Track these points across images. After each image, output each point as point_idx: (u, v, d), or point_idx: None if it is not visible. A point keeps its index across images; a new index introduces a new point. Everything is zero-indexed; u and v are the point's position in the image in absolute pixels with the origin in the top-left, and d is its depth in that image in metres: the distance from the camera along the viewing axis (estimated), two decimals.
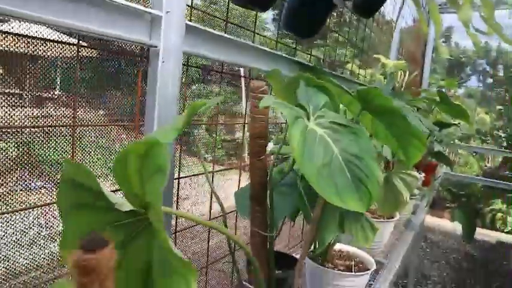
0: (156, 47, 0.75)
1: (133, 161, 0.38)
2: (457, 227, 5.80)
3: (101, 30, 0.67)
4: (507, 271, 4.36)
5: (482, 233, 5.56)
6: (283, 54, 1.23)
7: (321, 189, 0.54)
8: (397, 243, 1.83)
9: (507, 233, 5.84)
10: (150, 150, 0.36)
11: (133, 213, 0.42)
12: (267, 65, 1.15)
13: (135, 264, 0.41)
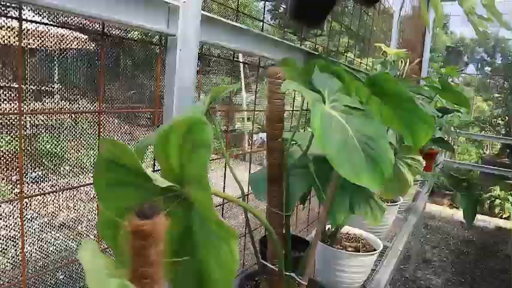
0: (174, 35, 0.78)
1: (174, 138, 0.41)
2: (456, 214, 5.88)
3: (121, 19, 0.70)
4: (505, 255, 4.44)
5: (481, 219, 5.64)
6: (293, 44, 1.26)
7: (339, 167, 0.58)
8: (400, 227, 1.88)
9: (505, 218, 5.93)
10: (193, 126, 0.39)
11: (171, 189, 0.46)
12: (275, 54, 1.18)
13: (172, 235, 0.45)
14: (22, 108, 0.67)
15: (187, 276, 0.46)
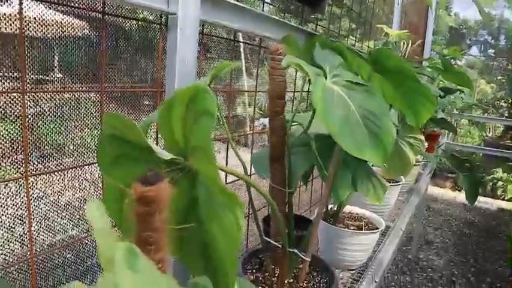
0: (174, 14, 0.77)
1: (177, 110, 0.41)
2: (458, 196, 5.91)
3: None
4: (508, 236, 4.47)
5: (483, 201, 5.67)
6: (295, 25, 1.26)
7: (341, 141, 0.58)
8: (402, 208, 1.89)
9: (508, 200, 5.95)
10: (196, 95, 0.39)
11: (174, 162, 0.46)
12: (277, 34, 1.17)
13: (177, 206, 0.46)
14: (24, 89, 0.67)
15: (193, 246, 0.46)
